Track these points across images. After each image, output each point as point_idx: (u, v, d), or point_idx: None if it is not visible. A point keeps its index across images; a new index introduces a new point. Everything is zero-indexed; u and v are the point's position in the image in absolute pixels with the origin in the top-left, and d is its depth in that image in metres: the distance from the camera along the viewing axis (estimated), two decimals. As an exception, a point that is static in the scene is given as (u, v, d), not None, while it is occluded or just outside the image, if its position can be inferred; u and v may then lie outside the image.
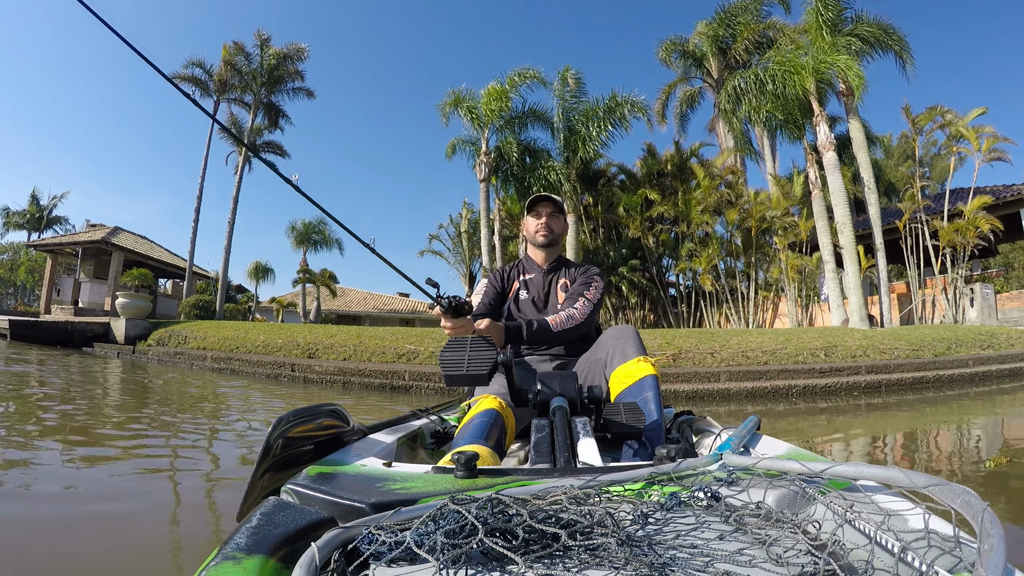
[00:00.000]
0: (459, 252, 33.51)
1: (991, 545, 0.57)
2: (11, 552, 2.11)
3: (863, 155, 15.65)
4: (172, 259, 27.09)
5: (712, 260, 19.30)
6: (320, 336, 12.03)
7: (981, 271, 20.33)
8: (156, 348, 14.49)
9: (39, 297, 32.58)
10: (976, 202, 16.49)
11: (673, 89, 23.32)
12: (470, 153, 19.10)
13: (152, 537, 2.32)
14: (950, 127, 18.17)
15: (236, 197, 22.92)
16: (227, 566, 0.68)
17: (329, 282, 28.16)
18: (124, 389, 8.17)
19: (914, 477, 0.74)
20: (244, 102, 23.69)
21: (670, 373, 8.47)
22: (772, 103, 16.11)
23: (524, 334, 2.09)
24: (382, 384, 8.86)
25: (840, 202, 14.83)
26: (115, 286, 21.80)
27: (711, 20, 21.05)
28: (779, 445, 1.39)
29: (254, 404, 7.11)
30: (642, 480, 0.98)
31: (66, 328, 17.18)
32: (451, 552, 0.65)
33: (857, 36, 15.39)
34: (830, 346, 9.58)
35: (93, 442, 4.17)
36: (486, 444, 1.50)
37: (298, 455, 1.26)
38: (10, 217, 50.09)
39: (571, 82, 18.20)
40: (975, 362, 9.67)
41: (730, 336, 10.79)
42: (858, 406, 7.10)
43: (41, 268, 39.07)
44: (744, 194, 19.76)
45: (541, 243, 2.41)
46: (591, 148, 18.07)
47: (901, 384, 8.56)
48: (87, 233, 26.01)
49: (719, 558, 0.68)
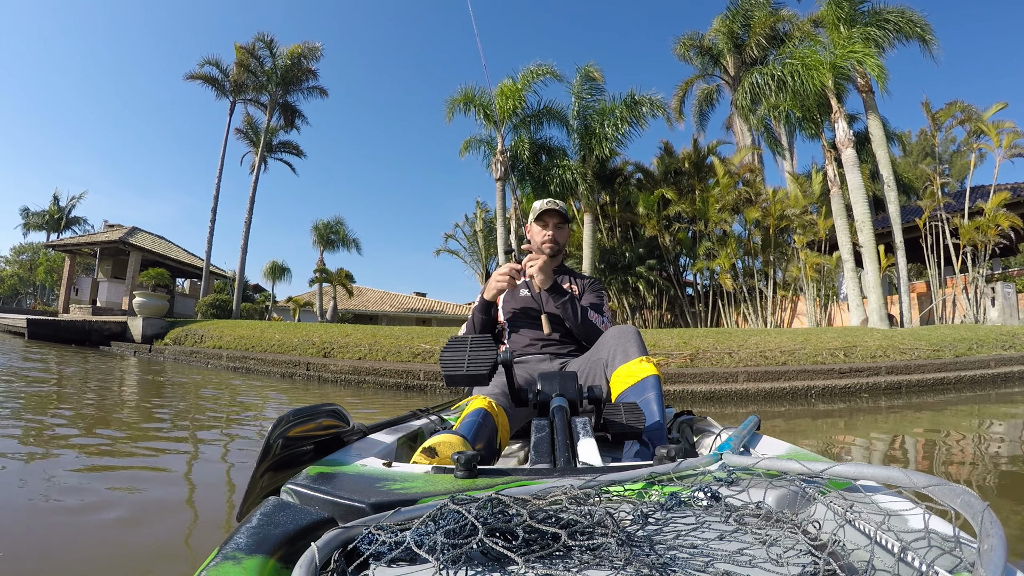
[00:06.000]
0: (475, 251, 33.58)
1: (991, 545, 0.57)
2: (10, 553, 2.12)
3: (882, 152, 15.47)
4: (189, 259, 27.32)
5: (730, 259, 19.15)
6: (335, 335, 12.09)
7: (1002, 270, 20.00)
8: (172, 347, 14.63)
9: (58, 296, 33.02)
10: (996, 199, 16.23)
11: (690, 86, 23.17)
12: (485, 152, 19.12)
13: (151, 537, 2.32)
14: (970, 123, 17.91)
15: (252, 197, 23.13)
16: (227, 566, 0.69)
17: (345, 282, 28.30)
18: (132, 385, 8.24)
19: (914, 477, 0.73)
20: (260, 102, 23.89)
21: (687, 374, 8.41)
22: (790, 100, 15.98)
23: (565, 293, 2.24)
24: (397, 383, 8.87)
25: (859, 200, 14.68)
26: (132, 285, 22.03)
27: (725, 15, 20.89)
28: (779, 445, 1.39)
29: (269, 402, 7.16)
30: (642, 480, 0.98)
31: (83, 327, 17.36)
32: (451, 552, 0.65)
33: (876, 25, 15.15)
34: (849, 346, 9.48)
35: (93, 439, 4.21)
36: (474, 445, 1.50)
37: (298, 455, 1.27)
38: (30, 218, 50.89)
39: (596, 75, 18.05)
40: (997, 363, 9.52)
41: (748, 336, 10.71)
42: (878, 408, 7.01)
43: (59, 268, 39.61)
44: (762, 192, 19.60)
45: (547, 254, 2.44)
46: (607, 147, 17.96)
47: (922, 385, 8.43)
48: (105, 233, 26.33)
49: (719, 558, 0.68)
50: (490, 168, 18.61)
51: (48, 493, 2.81)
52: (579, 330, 2.25)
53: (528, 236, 2.56)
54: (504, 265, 2.22)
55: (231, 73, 22.69)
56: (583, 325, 2.23)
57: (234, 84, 22.80)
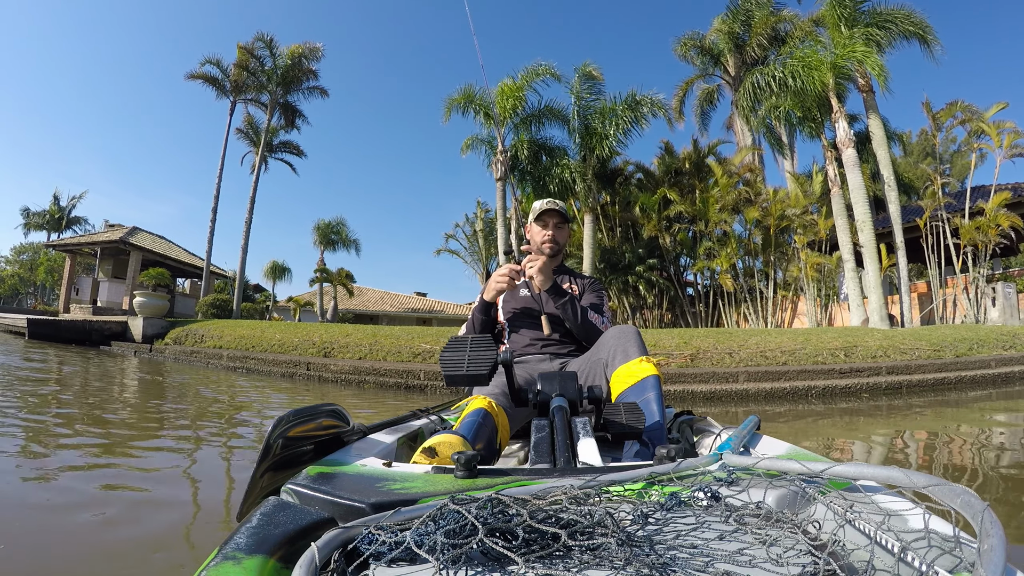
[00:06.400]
0: (475, 251, 33.59)
1: (991, 545, 0.57)
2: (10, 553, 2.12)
3: (883, 151, 15.45)
4: (190, 259, 27.31)
5: (731, 259, 19.13)
6: (336, 335, 12.09)
7: (1003, 270, 19.99)
8: (173, 347, 14.63)
9: (58, 296, 33.03)
10: (997, 199, 16.21)
11: (690, 86, 23.14)
12: (486, 152, 19.11)
13: (151, 537, 2.32)
14: (971, 123, 17.90)
15: (253, 197, 23.14)
16: (227, 566, 0.69)
17: (346, 281, 28.31)
18: (132, 385, 8.25)
19: (914, 477, 0.73)
20: (260, 102, 23.89)
21: (687, 374, 8.41)
22: (791, 100, 15.97)
23: (565, 294, 2.23)
24: (397, 383, 8.87)
25: (860, 200, 14.67)
26: (133, 285, 22.00)
27: (726, 15, 20.87)
28: (779, 445, 1.39)
29: (269, 402, 7.16)
30: (642, 480, 0.98)
31: (84, 327, 17.38)
32: (451, 552, 0.65)
33: (876, 25, 15.13)
34: (850, 346, 9.47)
35: (92, 438, 4.21)
36: (474, 445, 1.50)
37: (298, 455, 1.27)
38: (31, 218, 50.97)
39: (595, 74, 18.06)
40: (998, 363, 9.51)
41: (749, 336, 10.70)
42: (879, 408, 7.01)
43: (60, 268, 39.66)
44: (763, 192, 19.60)
45: (547, 254, 2.44)
46: (607, 145, 17.94)
47: (922, 385, 8.43)
48: (105, 233, 26.31)
49: (719, 558, 0.68)
50: (491, 168, 18.60)
51: (47, 492, 2.81)
52: (579, 330, 2.25)
53: (528, 236, 2.56)
54: (504, 266, 2.21)
55: (231, 73, 22.71)
56: (583, 325, 2.23)
57: (234, 84, 22.81)
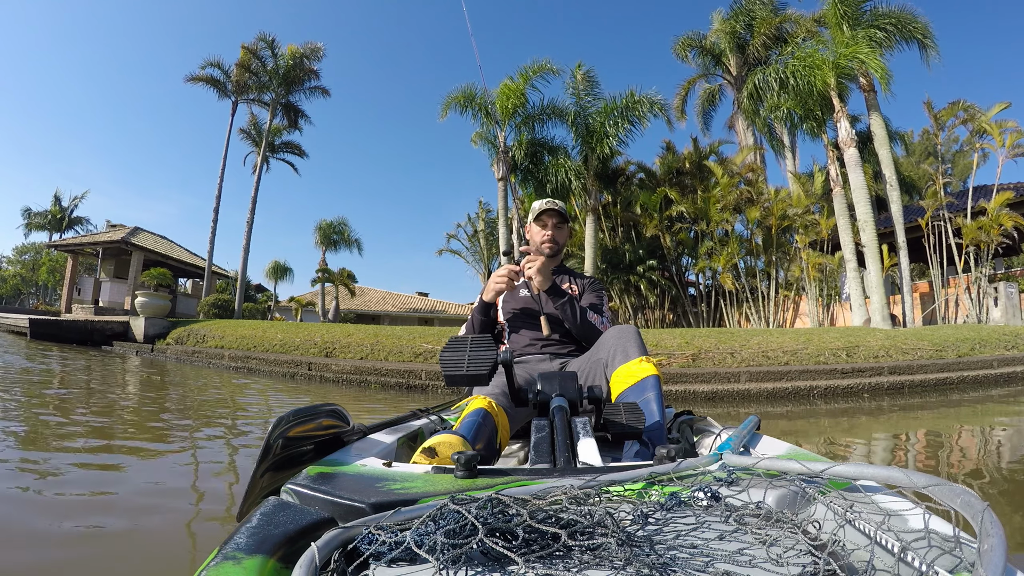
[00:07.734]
0: (477, 251, 33.62)
1: (991, 545, 0.57)
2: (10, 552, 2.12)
3: (884, 151, 15.44)
4: (192, 259, 27.36)
5: (732, 259, 19.12)
6: (337, 335, 12.09)
7: (1005, 270, 19.98)
8: (174, 347, 14.65)
9: (60, 296, 33.09)
10: (999, 199, 16.18)
11: (692, 86, 23.15)
12: (488, 151, 19.12)
13: (150, 537, 2.32)
14: (973, 122, 17.89)
15: (254, 197, 23.21)
16: (227, 566, 0.69)
17: (348, 281, 28.32)
18: (133, 385, 8.26)
19: (914, 477, 0.73)
20: (263, 102, 23.93)
21: (689, 374, 8.40)
22: (793, 100, 15.96)
23: (564, 294, 2.24)
24: (399, 383, 8.87)
25: (862, 199, 14.66)
26: (135, 285, 22.05)
27: (728, 16, 20.87)
28: (779, 445, 1.39)
29: (270, 402, 7.16)
30: (642, 480, 0.98)
31: (86, 327, 17.42)
32: (451, 552, 0.65)
33: (877, 27, 15.12)
34: (852, 346, 9.46)
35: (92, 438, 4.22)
36: (474, 445, 1.50)
37: (298, 455, 1.27)
38: (32, 218, 51.05)
39: (579, 78, 18.14)
40: (1000, 363, 9.48)
41: (750, 336, 10.69)
42: (880, 408, 7.01)
43: (62, 268, 39.71)
44: (764, 192, 19.59)
45: (546, 254, 2.42)
46: (608, 144, 17.92)
47: (924, 385, 8.41)
48: (107, 233, 26.37)
49: (719, 558, 0.68)
50: (493, 167, 18.60)
51: (47, 492, 2.81)
52: (578, 331, 2.25)
53: (528, 236, 2.55)
54: (502, 267, 2.21)
55: (233, 74, 22.73)
56: (582, 326, 2.23)
57: (236, 84, 22.85)
